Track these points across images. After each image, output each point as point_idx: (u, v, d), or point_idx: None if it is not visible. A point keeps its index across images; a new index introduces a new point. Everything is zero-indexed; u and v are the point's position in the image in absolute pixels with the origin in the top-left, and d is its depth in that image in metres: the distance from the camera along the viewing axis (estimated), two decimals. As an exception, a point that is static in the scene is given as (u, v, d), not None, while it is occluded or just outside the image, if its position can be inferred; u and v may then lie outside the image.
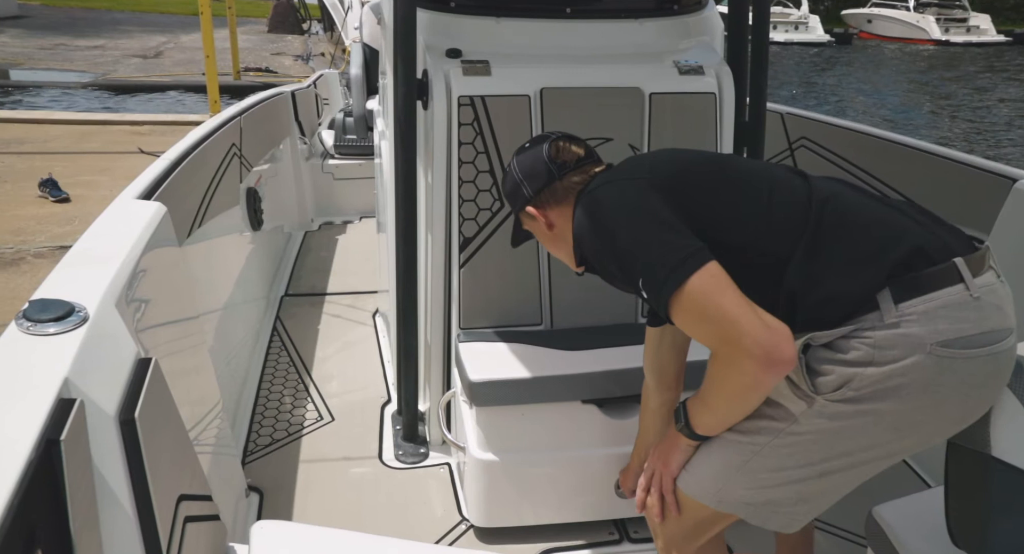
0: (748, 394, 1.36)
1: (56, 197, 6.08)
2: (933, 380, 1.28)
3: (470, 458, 2.14)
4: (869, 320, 1.30)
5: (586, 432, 2.12)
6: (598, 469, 2.12)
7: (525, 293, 2.29)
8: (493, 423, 2.10)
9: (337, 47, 11.80)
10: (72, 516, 0.96)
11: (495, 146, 2.21)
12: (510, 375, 2.07)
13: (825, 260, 1.36)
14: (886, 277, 1.31)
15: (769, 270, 1.39)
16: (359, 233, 4.95)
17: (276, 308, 3.70)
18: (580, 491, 2.16)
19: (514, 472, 2.13)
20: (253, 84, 11.39)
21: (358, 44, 6.01)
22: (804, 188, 1.45)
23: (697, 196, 1.46)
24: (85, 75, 14.65)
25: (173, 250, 1.98)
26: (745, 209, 1.44)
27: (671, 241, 1.37)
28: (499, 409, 2.09)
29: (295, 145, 4.98)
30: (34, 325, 1.21)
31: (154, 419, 1.25)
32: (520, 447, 2.12)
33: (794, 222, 1.40)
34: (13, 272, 4.69)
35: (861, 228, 1.38)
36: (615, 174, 1.56)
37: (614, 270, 1.47)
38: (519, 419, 2.10)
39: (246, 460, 2.49)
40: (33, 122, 9.21)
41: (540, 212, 1.68)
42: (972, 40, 33.05)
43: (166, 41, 21.03)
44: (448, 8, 2.36)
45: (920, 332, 1.28)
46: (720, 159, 1.66)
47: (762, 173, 1.52)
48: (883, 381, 1.29)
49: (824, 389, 1.33)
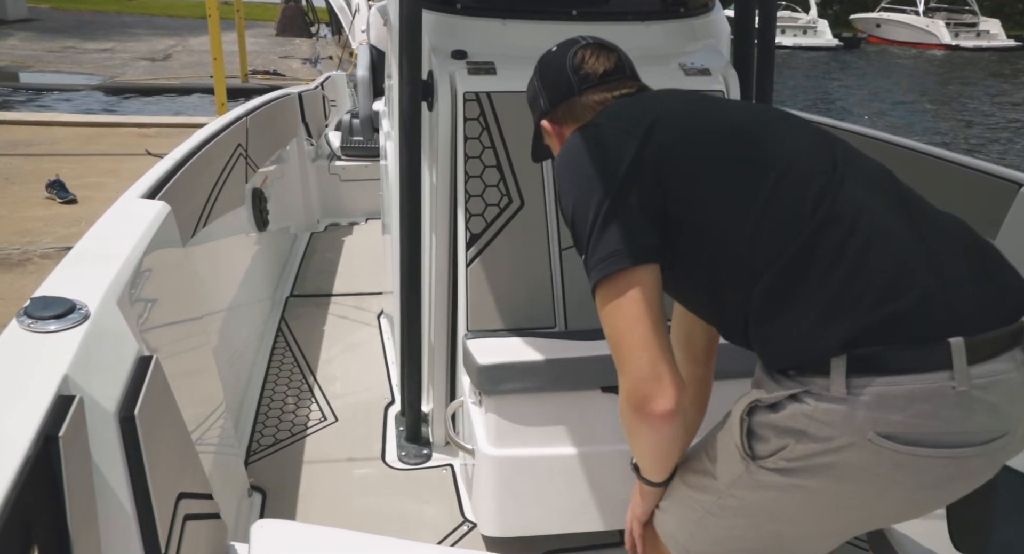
0: (633, 436, 1.29)
1: (63, 198, 6.10)
2: (869, 468, 1.11)
3: (480, 456, 2.02)
4: (817, 385, 1.12)
5: (607, 425, 1.96)
6: (623, 467, 2.01)
7: (537, 293, 2.19)
8: (504, 414, 1.98)
9: (345, 50, 11.85)
10: (70, 513, 0.96)
11: (502, 141, 2.19)
12: (522, 358, 1.98)
13: (796, 293, 1.15)
14: (847, 342, 1.10)
15: (737, 280, 1.22)
16: (365, 235, 4.95)
17: (281, 309, 3.70)
18: (601, 494, 2.00)
19: (528, 470, 1.99)
20: (260, 87, 11.43)
21: (365, 46, 6.02)
22: (818, 189, 1.19)
23: (685, 177, 1.26)
24: (94, 78, 14.73)
25: (177, 249, 1.98)
26: (735, 204, 1.23)
27: (620, 225, 1.23)
28: (511, 399, 1.96)
29: (302, 146, 4.99)
30: (35, 322, 1.21)
31: (154, 417, 1.25)
32: (534, 442, 1.98)
33: (784, 234, 1.18)
34: (19, 273, 4.71)
35: (859, 266, 1.13)
36: (612, 116, 1.38)
37: (567, 222, 1.35)
38: (532, 410, 1.97)
39: (249, 460, 2.49)
40: (41, 124, 9.25)
41: (555, 129, 1.52)
42: (982, 45, 32.96)
43: (174, 44, 21.12)
44: (454, 10, 2.36)
45: (864, 417, 1.08)
46: (738, 127, 1.34)
47: (779, 155, 1.26)
48: (814, 457, 1.13)
49: (760, 454, 1.19)
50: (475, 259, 2.20)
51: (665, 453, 1.32)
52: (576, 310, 2.20)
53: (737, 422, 1.22)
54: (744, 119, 1.37)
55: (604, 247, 1.24)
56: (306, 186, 5.02)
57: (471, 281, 2.20)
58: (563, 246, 2.19)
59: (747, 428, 1.21)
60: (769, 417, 1.18)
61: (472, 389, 2.10)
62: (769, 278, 1.17)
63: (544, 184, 2.19)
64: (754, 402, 1.20)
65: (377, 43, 5.86)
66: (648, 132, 1.29)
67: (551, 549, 2.12)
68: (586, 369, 1.95)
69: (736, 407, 1.24)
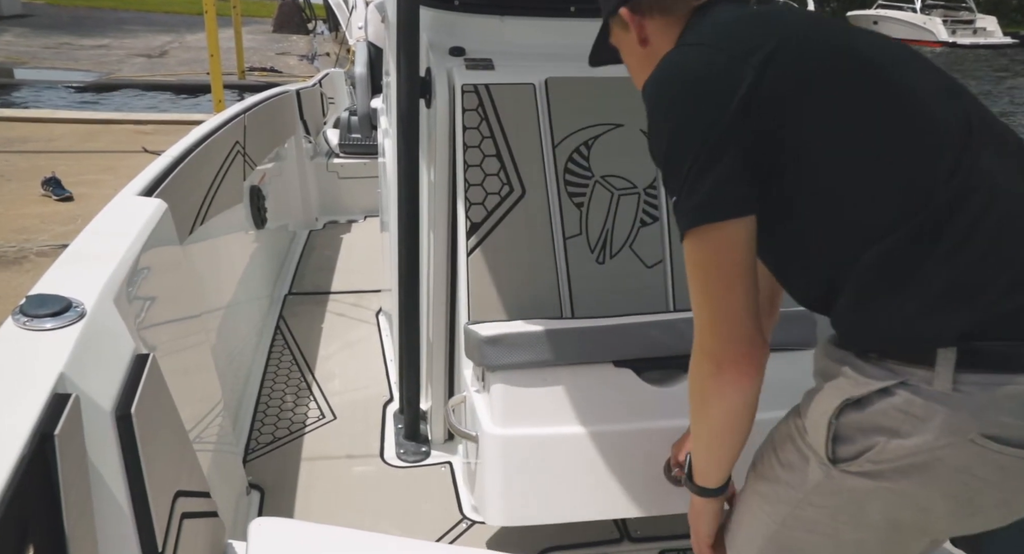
0: (705, 404, 1.18)
1: (59, 196, 6.08)
2: (968, 469, 1.02)
3: (484, 438, 1.89)
4: (916, 377, 1.02)
5: (622, 402, 1.85)
6: (641, 448, 1.80)
7: (541, 283, 2.13)
8: (510, 391, 1.85)
9: (342, 47, 11.82)
10: (66, 511, 0.95)
11: (501, 131, 2.16)
12: (527, 329, 1.87)
13: (915, 267, 1.02)
14: (964, 332, 0.99)
15: (842, 242, 1.08)
16: (363, 232, 4.95)
17: (279, 306, 3.69)
18: (618, 478, 1.86)
19: (536, 452, 1.84)
20: (258, 84, 11.41)
21: (363, 43, 6.01)
22: (955, 152, 1.03)
23: (805, 121, 1.07)
24: (90, 74, 14.68)
25: (174, 247, 1.98)
26: (858, 157, 1.06)
27: (721, 171, 1.08)
28: (516, 374, 1.84)
29: (300, 144, 4.98)
30: (31, 320, 1.20)
31: (151, 415, 1.24)
32: (542, 421, 1.83)
33: (913, 198, 1.03)
34: (16, 271, 4.70)
35: (990, 249, 1.00)
36: (723, 34, 1.15)
37: (658, 159, 1.18)
38: (539, 386, 1.84)
39: (247, 458, 2.48)
40: (37, 121, 9.22)
41: (635, 20, 1.27)
42: (979, 42, 32.95)
43: (171, 40, 21.07)
44: (452, 6, 2.35)
45: (968, 416, 0.99)
46: (871, 66, 1.11)
47: (913, 105, 1.07)
48: (907, 458, 1.03)
49: (843, 457, 1.09)
50: (476, 248, 2.15)
51: (732, 432, 1.19)
52: (582, 299, 2.14)
53: (823, 425, 1.10)
54: (877, 55, 1.13)
55: (701, 194, 1.09)
56: (304, 184, 5.01)
57: (472, 270, 2.14)
58: (567, 235, 2.15)
59: (834, 432, 1.10)
60: (855, 416, 1.07)
61: (474, 377, 2.04)
62: (887, 244, 1.03)
63: (545, 172, 2.17)
64: (845, 401, 1.08)
65: (375, 40, 5.85)
66: (766, 62, 1.08)
67: (550, 546, 2.12)
68: (598, 340, 1.85)
69: (814, 406, 1.14)
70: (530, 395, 1.85)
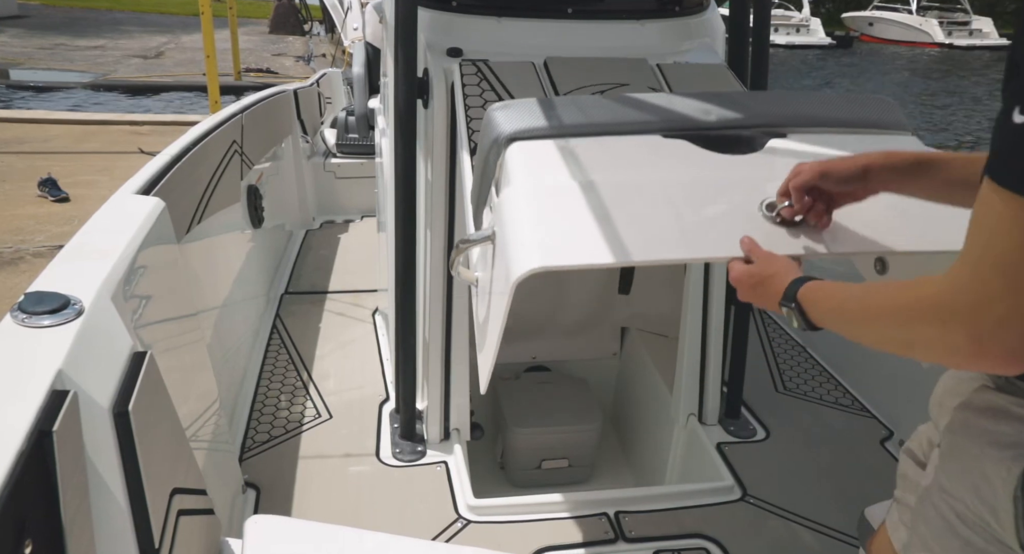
0: (910, 349, 0.88)
1: (55, 197, 6.08)
2: None
3: (510, 191, 1.48)
4: None
5: (677, 165, 1.51)
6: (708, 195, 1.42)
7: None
8: (534, 153, 1.53)
9: (338, 48, 11.82)
10: (64, 508, 0.96)
11: None
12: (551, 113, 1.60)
13: None
14: None
15: None
16: (360, 232, 4.95)
17: (276, 306, 3.70)
18: (664, 223, 1.37)
19: (566, 198, 1.41)
20: (254, 84, 11.41)
21: (360, 43, 6.02)
22: None
23: None
24: (85, 75, 14.67)
25: (171, 246, 1.98)
26: None
27: None
28: (539, 143, 1.55)
29: (297, 143, 4.98)
30: (29, 317, 1.21)
31: (148, 412, 1.25)
32: (570, 173, 1.47)
33: None
34: (12, 271, 4.70)
35: None
36: None
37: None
38: (567, 151, 1.53)
39: (244, 456, 2.49)
40: (33, 122, 9.22)
41: None
42: (975, 43, 33.04)
43: (167, 41, 21.06)
44: (450, 7, 2.36)
45: None
46: None
47: None
48: None
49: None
50: None
51: (897, 349, 0.90)
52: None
53: (1009, 503, 0.87)
54: None
55: None
56: (301, 183, 5.02)
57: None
58: None
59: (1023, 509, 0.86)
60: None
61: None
62: None
63: None
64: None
65: (373, 40, 5.87)
66: None
67: (545, 546, 2.13)
68: (647, 111, 1.59)
69: (995, 472, 0.89)
70: (557, 156, 1.54)
